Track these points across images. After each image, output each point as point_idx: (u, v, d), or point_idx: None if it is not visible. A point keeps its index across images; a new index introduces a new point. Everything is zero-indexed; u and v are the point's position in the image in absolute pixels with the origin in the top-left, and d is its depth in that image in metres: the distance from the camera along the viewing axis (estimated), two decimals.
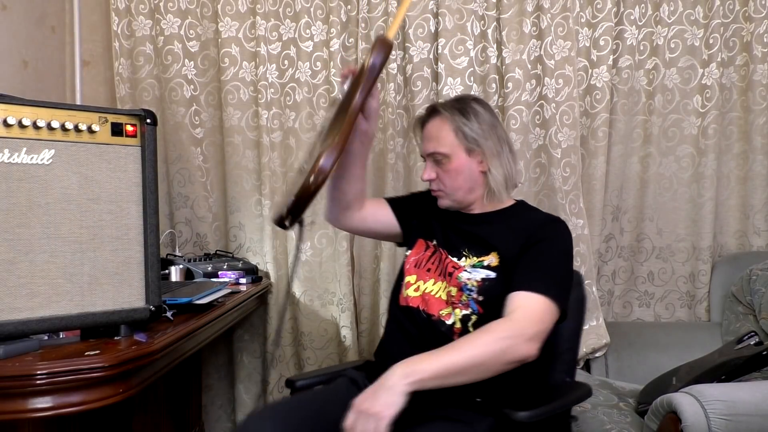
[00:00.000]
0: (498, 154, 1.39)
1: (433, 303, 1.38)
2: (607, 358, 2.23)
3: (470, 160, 1.39)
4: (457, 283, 1.36)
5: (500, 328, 1.19)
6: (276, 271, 2.36)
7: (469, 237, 1.41)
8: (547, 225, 1.37)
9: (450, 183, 1.41)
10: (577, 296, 1.49)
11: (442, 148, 1.39)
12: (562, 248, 1.34)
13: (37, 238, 1.13)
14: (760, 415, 1.36)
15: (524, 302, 1.23)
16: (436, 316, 1.36)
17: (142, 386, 1.21)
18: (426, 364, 1.13)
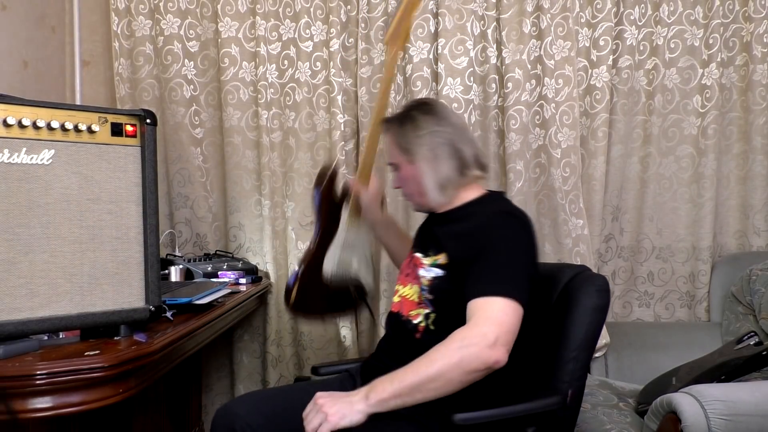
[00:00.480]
0: (431, 159, 1.41)
1: (406, 304, 1.42)
2: (607, 358, 2.23)
3: (413, 166, 1.43)
4: (418, 283, 1.39)
5: (456, 338, 1.18)
6: (276, 271, 2.36)
7: (431, 236, 1.44)
8: (492, 225, 1.34)
9: (405, 190, 1.49)
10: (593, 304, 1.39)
11: (390, 160, 1.49)
12: (510, 243, 1.30)
13: (37, 238, 1.13)
14: (760, 415, 1.36)
15: (479, 308, 1.22)
16: (406, 316, 1.40)
17: (142, 386, 1.21)
18: (386, 384, 1.18)
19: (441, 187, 1.41)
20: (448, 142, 1.41)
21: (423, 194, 1.44)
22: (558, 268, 1.50)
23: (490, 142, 2.33)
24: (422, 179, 1.41)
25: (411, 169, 1.43)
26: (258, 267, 2.33)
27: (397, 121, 1.46)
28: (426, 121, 1.43)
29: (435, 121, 1.43)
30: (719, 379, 1.62)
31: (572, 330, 1.38)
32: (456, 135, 1.42)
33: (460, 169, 1.41)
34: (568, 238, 2.26)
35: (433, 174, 1.41)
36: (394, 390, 1.17)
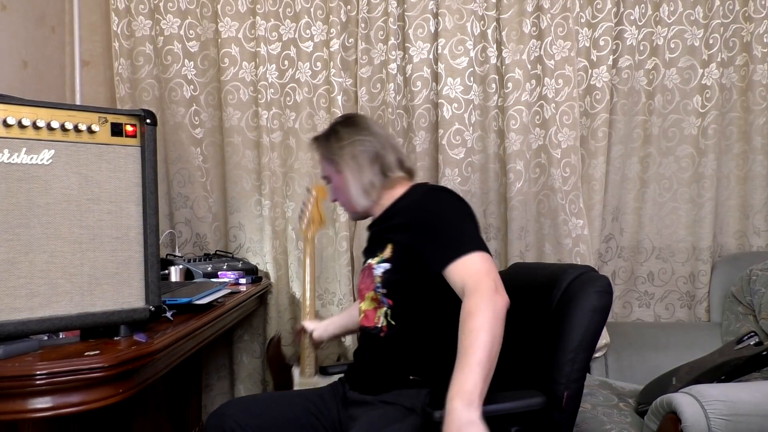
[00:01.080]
0: (353, 167, 1.50)
1: (367, 316, 1.48)
2: (607, 359, 2.23)
3: (340, 176, 1.52)
4: (372, 286, 1.45)
5: (473, 305, 1.19)
6: (276, 272, 2.36)
7: (374, 239, 1.52)
8: (427, 201, 1.41)
9: (339, 201, 1.59)
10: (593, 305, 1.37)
11: (322, 173, 1.60)
12: (450, 209, 1.37)
13: (37, 238, 1.13)
14: (760, 415, 1.36)
15: (463, 271, 1.25)
16: (371, 325, 1.46)
17: (142, 386, 1.21)
18: (469, 381, 1.13)
19: (365, 192, 1.50)
20: (369, 150, 1.51)
21: (351, 200, 1.52)
22: (562, 269, 1.48)
23: (490, 142, 2.33)
24: (348, 186, 1.50)
25: (339, 179, 1.53)
26: (258, 267, 2.33)
27: (324, 136, 1.57)
28: (347, 133, 1.53)
29: (355, 132, 1.53)
30: (719, 379, 1.61)
31: (570, 331, 1.37)
32: (377, 143, 1.51)
33: (382, 172, 1.50)
34: (568, 238, 2.26)
35: (357, 180, 1.49)
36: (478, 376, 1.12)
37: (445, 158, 2.28)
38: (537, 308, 1.48)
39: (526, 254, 2.31)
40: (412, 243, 1.35)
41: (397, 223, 1.43)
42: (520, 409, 1.29)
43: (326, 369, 1.78)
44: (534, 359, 1.43)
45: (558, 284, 1.45)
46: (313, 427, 1.47)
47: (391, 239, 1.42)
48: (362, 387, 1.44)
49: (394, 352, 1.40)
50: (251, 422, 1.45)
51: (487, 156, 2.34)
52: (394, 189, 1.50)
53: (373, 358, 1.44)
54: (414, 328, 1.39)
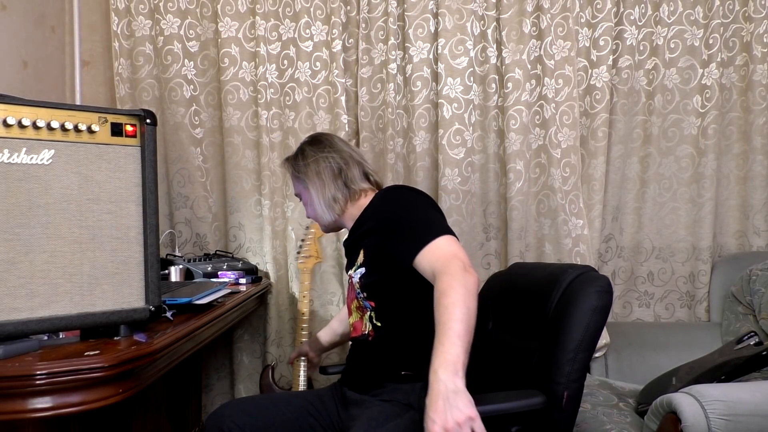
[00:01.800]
0: (316, 183, 1.58)
1: (356, 326, 1.55)
2: (607, 358, 2.23)
3: (307, 192, 1.60)
4: (354, 295, 1.52)
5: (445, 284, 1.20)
6: (276, 271, 2.36)
7: (349, 249, 1.57)
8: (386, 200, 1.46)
9: (311, 215, 1.64)
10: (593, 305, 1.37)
11: (294, 190, 1.68)
12: (410, 203, 1.41)
13: (37, 238, 1.13)
14: (760, 415, 1.36)
15: (430, 257, 1.28)
16: (359, 333, 1.53)
17: (142, 386, 1.21)
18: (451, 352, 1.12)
19: (329, 206, 1.57)
20: (331, 166, 1.58)
21: (318, 214, 1.60)
22: (562, 269, 1.49)
23: (490, 142, 2.33)
24: (314, 201, 1.58)
25: (306, 195, 1.61)
26: (258, 267, 2.33)
27: (293, 156, 1.65)
28: (312, 151, 1.60)
29: (319, 150, 1.60)
30: (719, 379, 1.62)
31: (570, 331, 1.36)
32: (339, 159, 1.58)
33: (345, 185, 1.57)
34: (568, 238, 2.26)
35: (321, 195, 1.57)
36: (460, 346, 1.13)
37: (445, 158, 2.28)
38: (536, 308, 1.48)
39: (526, 254, 2.31)
40: (380, 243, 1.40)
41: (366, 229, 1.48)
42: (520, 409, 1.29)
43: (326, 369, 1.85)
44: (533, 359, 1.43)
45: (558, 284, 1.45)
46: (311, 428, 1.50)
47: (362, 245, 1.49)
48: (358, 387, 1.49)
49: (384, 350, 1.45)
50: (249, 423, 1.48)
51: (487, 156, 2.34)
52: (360, 200, 1.57)
53: (365, 359, 1.50)
54: (399, 324, 1.44)
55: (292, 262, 2.38)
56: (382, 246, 1.39)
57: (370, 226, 1.46)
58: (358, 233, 1.52)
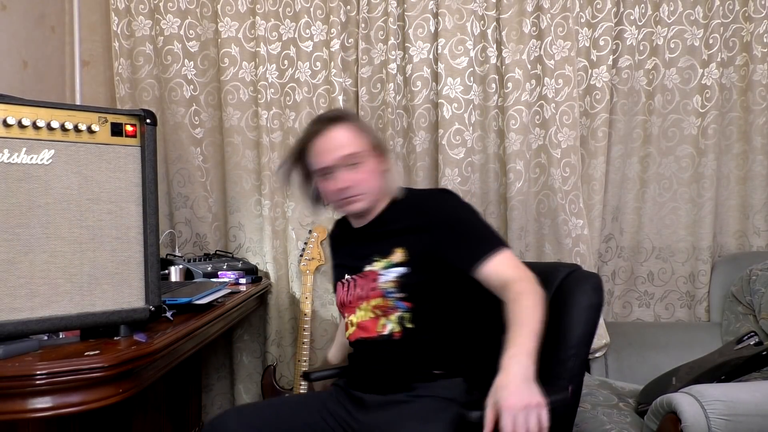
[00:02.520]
0: (388, 158, 1.50)
1: (366, 326, 1.44)
2: (607, 358, 2.23)
3: (376, 161, 1.45)
4: (378, 293, 1.40)
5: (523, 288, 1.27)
6: (276, 271, 2.36)
7: (372, 242, 1.45)
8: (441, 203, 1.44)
9: (368, 185, 1.42)
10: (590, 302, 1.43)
11: (358, 149, 1.42)
12: (465, 209, 1.43)
13: (37, 238, 1.13)
14: (760, 415, 1.36)
15: (499, 268, 1.32)
16: (373, 336, 1.43)
17: (142, 386, 1.21)
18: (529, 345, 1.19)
19: (387, 187, 1.47)
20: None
21: (372, 191, 1.43)
22: (551, 268, 1.53)
23: (490, 142, 2.33)
24: (376, 175, 1.44)
25: (372, 164, 1.43)
26: (258, 267, 2.33)
27: (356, 116, 1.54)
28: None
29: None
30: (719, 379, 1.62)
31: (570, 328, 1.39)
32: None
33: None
34: (568, 238, 2.26)
35: (385, 172, 1.47)
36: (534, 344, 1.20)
37: (445, 158, 2.28)
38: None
39: (526, 254, 2.31)
40: (434, 245, 1.37)
41: (406, 226, 1.41)
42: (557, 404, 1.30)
43: (308, 375, 1.71)
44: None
45: (549, 283, 1.47)
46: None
47: (401, 243, 1.40)
48: (378, 388, 1.41)
49: (414, 351, 1.39)
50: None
51: (487, 156, 2.34)
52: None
53: (387, 361, 1.41)
54: (435, 326, 1.40)
55: (292, 262, 2.38)
56: (436, 248, 1.36)
57: (418, 224, 1.39)
58: (389, 228, 1.43)
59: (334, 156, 1.40)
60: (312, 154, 1.43)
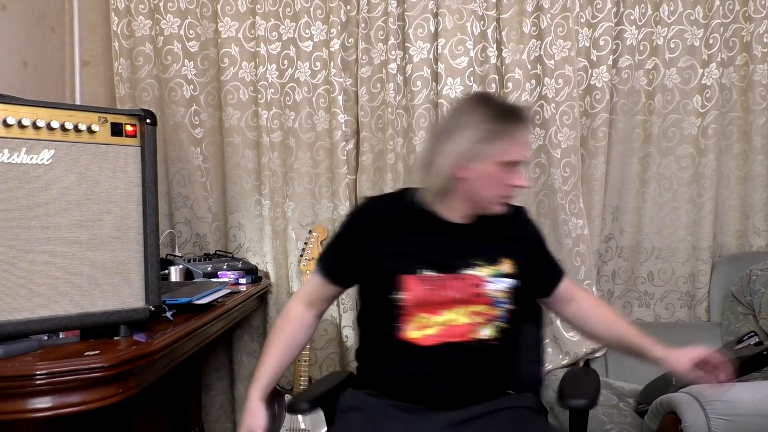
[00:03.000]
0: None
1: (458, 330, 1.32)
2: (607, 358, 2.23)
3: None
4: (486, 300, 1.33)
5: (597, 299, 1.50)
6: (276, 271, 2.36)
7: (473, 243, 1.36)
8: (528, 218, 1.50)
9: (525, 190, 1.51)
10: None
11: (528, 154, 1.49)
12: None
13: (36, 238, 1.13)
14: (760, 415, 1.36)
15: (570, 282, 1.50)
16: (465, 338, 1.32)
17: (142, 386, 1.21)
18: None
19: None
20: None
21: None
22: None
23: None
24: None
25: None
26: (258, 267, 2.33)
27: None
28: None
29: None
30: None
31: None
32: None
33: None
34: (568, 238, 2.26)
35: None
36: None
37: None
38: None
39: None
40: (533, 259, 1.42)
41: (511, 236, 1.40)
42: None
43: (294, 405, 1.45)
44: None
45: None
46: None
47: (509, 253, 1.37)
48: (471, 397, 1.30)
49: (507, 358, 1.40)
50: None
51: None
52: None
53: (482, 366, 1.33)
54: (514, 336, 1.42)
55: (292, 262, 2.38)
56: (535, 262, 1.42)
57: (520, 236, 1.41)
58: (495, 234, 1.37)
59: (527, 153, 1.44)
60: (509, 142, 1.30)
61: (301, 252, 2.32)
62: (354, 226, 1.41)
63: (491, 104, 1.34)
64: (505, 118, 1.31)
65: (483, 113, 1.30)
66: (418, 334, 1.31)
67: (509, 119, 1.31)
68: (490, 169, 1.29)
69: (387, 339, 1.33)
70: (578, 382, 1.43)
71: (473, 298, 1.32)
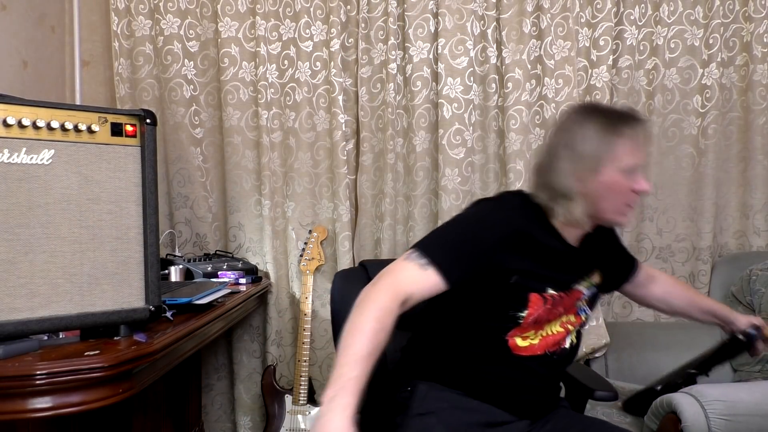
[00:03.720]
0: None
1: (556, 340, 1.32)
2: (607, 358, 2.23)
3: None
4: (575, 309, 1.34)
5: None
6: (276, 271, 2.36)
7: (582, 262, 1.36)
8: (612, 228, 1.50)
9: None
10: None
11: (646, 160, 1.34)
12: None
13: (37, 238, 1.13)
14: (760, 415, 1.36)
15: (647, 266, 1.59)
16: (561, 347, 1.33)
17: (142, 386, 1.21)
18: None
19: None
20: None
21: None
22: None
23: (490, 142, 2.33)
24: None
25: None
26: (258, 267, 2.33)
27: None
28: None
29: None
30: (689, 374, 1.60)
31: None
32: None
33: None
34: None
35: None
36: None
37: (445, 158, 2.28)
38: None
39: None
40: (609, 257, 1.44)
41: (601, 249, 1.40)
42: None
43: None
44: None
45: None
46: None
47: (598, 265, 1.39)
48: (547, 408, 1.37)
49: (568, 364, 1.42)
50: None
51: (487, 156, 2.34)
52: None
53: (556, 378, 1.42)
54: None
55: (292, 262, 2.38)
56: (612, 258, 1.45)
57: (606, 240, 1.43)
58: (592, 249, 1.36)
59: (646, 157, 1.31)
60: (628, 146, 1.25)
61: (301, 252, 2.32)
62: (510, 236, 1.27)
63: (601, 111, 1.30)
64: (619, 123, 1.26)
65: (596, 121, 1.26)
66: (524, 344, 1.29)
67: (624, 122, 1.26)
68: (613, 177, 1.25)
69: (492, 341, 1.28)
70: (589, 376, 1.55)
71: (570, 308, 1.33)
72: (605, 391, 1.45)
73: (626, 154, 1.25)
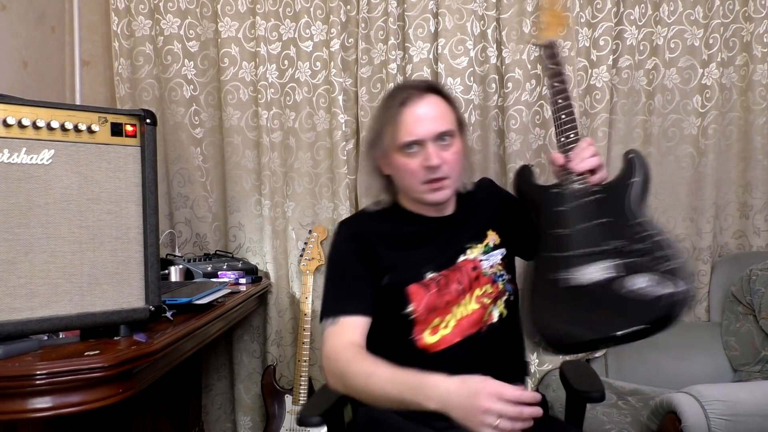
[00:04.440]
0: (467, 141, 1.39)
1: (472, 320, 1.29)
2: (607, 358, 2.23)
3: (462, 141, 1.31)
4: (487, 279, 1.32)
5: None
6: (276, 271, 2.36)
7: (460, 231, 1.34)
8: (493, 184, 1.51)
9: (457, 168, 1.29)
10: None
11: (451, 127, 1.28)
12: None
13: (36, 238, 1.13)
14: (760, 415, 1.36)
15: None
16: (483, 325, 1.29)
17: (142, 386, 1.21)
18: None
19: (467, 172, 1.37)
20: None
21: (458, 175, 1.31)
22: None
23: (490, 142, 2.33)
24: (461, 158, 1.30)
25: (459, 146, 1.29)
26: (258, 267, 2.33)
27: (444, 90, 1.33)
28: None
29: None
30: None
31: None
32: None
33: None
34: None
35: (467, 156, 1.35)
36: None
37: None
38: None
39: None
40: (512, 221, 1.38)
41: (485, 207, 1.39)
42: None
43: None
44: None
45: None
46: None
47: (490, 225, 1.36)
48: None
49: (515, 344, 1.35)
50: None
51: (487, 156, 2.34)
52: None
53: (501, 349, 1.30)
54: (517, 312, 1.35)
55: (292, 262, 2.38)
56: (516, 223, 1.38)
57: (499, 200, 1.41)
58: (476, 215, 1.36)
59: (427, 129, 1.24)
60: (396, 126, 1.24)
61: (301, 252, 2.32)
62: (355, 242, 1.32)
63: (388, 96, 1.36)
64: (389, 104, 1.29)
65: (379, 107, 1.34)
66: (435, 338, 1.27)
67: (392, 103, 1.28)
68: (395, 157, 1.28)
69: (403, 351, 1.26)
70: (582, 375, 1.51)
71: (474, 282, 1.30)
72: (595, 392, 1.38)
73: (398, 132, 1.25)
